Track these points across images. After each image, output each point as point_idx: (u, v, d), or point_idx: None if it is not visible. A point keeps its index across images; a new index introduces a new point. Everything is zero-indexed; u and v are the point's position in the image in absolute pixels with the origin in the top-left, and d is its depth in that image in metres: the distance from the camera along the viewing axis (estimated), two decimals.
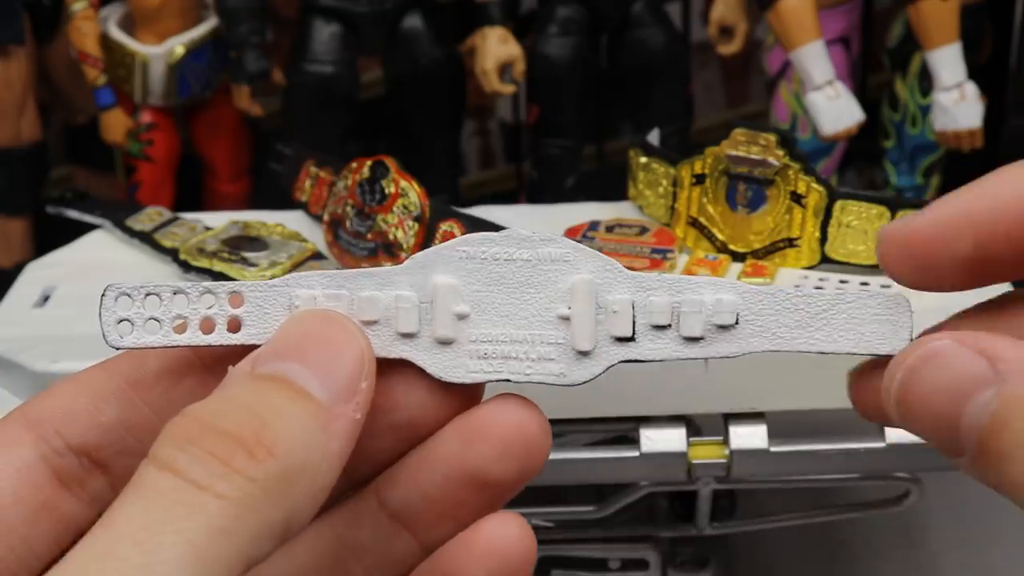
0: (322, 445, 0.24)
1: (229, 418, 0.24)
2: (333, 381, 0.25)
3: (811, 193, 0.57)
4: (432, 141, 0.78)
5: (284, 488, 0.23)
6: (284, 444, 0.24)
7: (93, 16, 0.75)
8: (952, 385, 0.25)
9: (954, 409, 0.25)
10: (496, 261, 0.28)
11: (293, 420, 0.24)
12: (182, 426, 0.24)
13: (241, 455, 0.23)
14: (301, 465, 0.24)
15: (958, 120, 0.71)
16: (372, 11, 0.75)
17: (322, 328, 0.26)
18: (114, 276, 0.64)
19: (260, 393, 0.25)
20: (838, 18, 0.75)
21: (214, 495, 0.23)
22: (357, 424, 0.25)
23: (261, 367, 0.25)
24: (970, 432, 0.24)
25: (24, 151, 0.74)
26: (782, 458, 0.53)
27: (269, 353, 0.26)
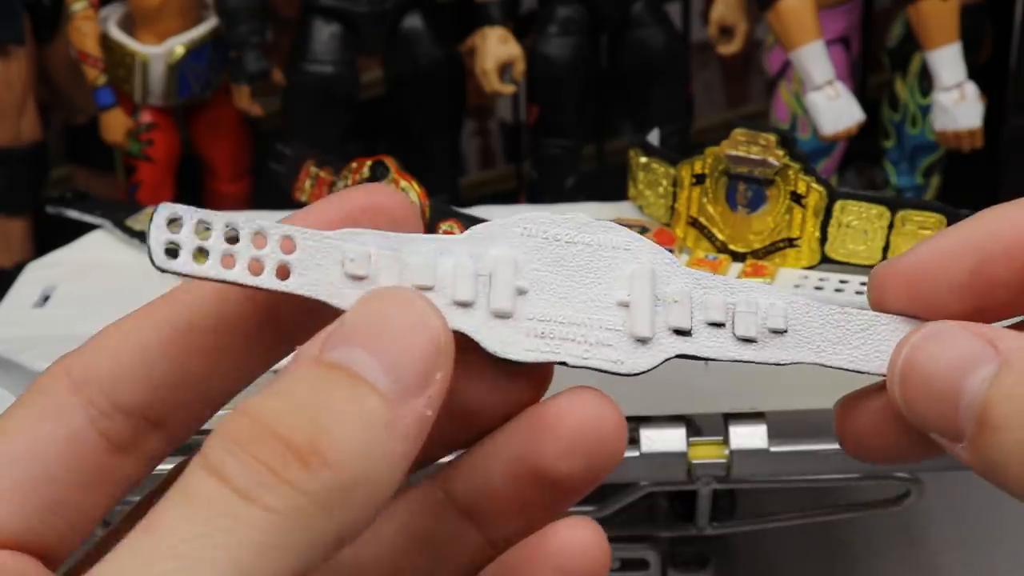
0: (385, 450, 0.23)
1: (284, 420, 0.22)
2: (403, 373, 0.23)
3: (811, 193, 0.57)
4: (432, 141, 0.78)
5: (339, 501, 0.22)
6: (342, 453, 0.22)
7: (93, 16, 0.75)
8: (953, 362, 0.25)
9: (955, 385, 0.25)
10: (557, 242, 0.27)
11: (354, 424, 0.22)
12: (235, 425, 0.22)
13: (294, 465, 0.22)
14: (360, 476, 0.22)
15: (958, 120, 0.71)
16: (372, 11, 0.75)
17: (397, 311, 0.24)
18: (114, 276, 0.65)
19: (322, 389, 0.23)
20: (838, 18, 0.75)
21: (262, 508, 0.21)
22: (427, 421, 0.23)
23: (328, 352, 0.23)
24: (969, 408, 0.25)
25: (24, 151, 0.74)
26: (782, 458, 0.53)
27: (338, 336, 0.24)
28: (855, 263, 0.58)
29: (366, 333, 0.24)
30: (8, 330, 0.57)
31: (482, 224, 0.27)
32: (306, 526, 0.22)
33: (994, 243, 0.27)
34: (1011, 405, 0.24)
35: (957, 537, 0.63)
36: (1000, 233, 0.27)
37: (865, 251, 0.57)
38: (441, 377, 0.24)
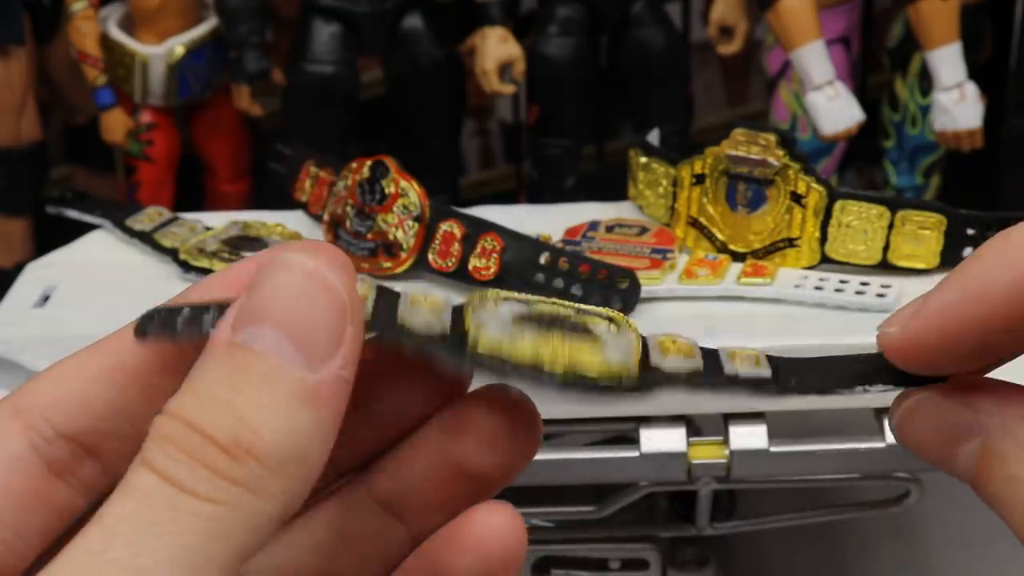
0: (308, 423, 0.23)
1: (206, 416, 0.23)
2: (312, 340, 0.24)
3: (811, 193, 0.57)
4: (432, 141, 0.78)
5: (272, 481, 0.23)
6: (265, 439, 0.23)
7: (93, 16, 0.75)
8: (942, 435, 0.27)
9: (947, 452, 0.27)
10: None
11: (272, 407, 0.23)
12: (165, 427, 0.23)
13: (222, 458, 0.23)
14: (287, 454, 0.23)
15: (958, 120, 0.71)
16: (372, 11, 0.75)
17: (296, 278, 0.24)
18: (114, 276, 0.65)
19: (236, 377, 0.23)
20: (838, 18, 0.75)
21: (200, 498, 0.22)
22: (346, 383, 0.24)
23: (237, 334, 0.24)
24: (965, 472, 0.27)
25: (24, 151, 0.74)
26: (782, 458, 0.53)
27: (244, 315, 0.24)
28: (855, 263, 0.58)
29: (267, 308, 0.24)
30: (8, 330, 0.57)
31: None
32: (246, 510, 0.23)
33: (992, 314, 0.27)
34: (997, 485, 0.26)
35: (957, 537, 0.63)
36: (996, 300, 0.27)
37: (865, 251, 0.57)
38: (352, 333, 0.24)
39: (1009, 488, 0.26)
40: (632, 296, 0.55)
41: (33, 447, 0.26)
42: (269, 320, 0.24)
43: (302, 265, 0.24)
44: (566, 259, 0.56)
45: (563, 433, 0.55)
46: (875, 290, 0.55)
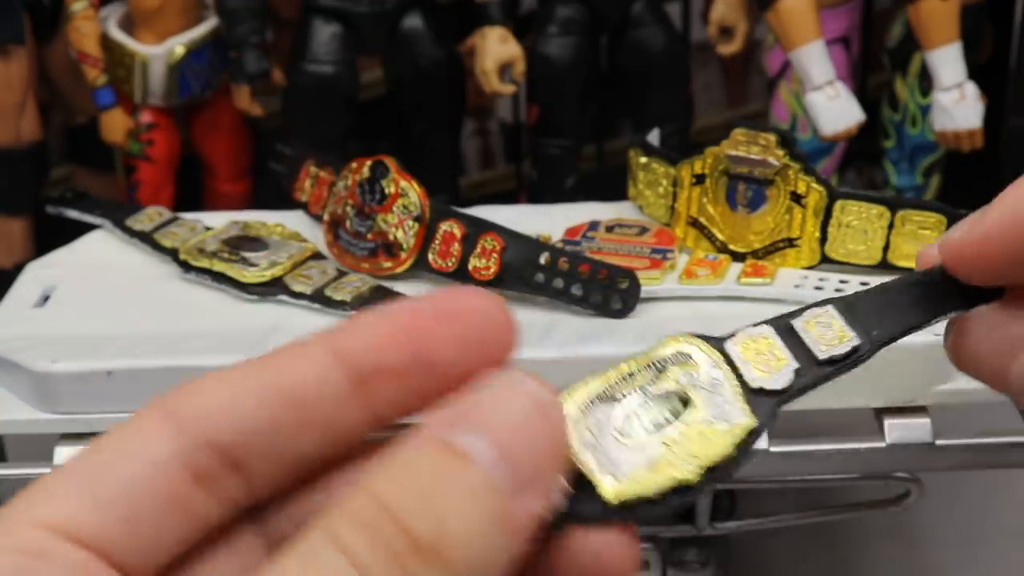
0: (497, 548, 0.23)
1: (407, 507, 0.23)
2: (520, 466, 0.24)
3: (811, 193, 0.57)
4: (432, 141, 0.78)
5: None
6: (458, 550, 0.23)
7: (93, 16, 0.75)
8: (998, 346, 0.27)
9: (1002, 365, 0.27)
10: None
11: (473, 520, 0.23)
12: (360, 504, 0.23)
13: (415, 558, 0.23)
14: (470, 571, 0.23)
15: (958, 120, 0.71)
16: (372, 11, 0.75)
17: (521, 400, 0.24)
18: (114, 276, 0.65)
19: (442, 476, 0.23)
20: (838, 18, 0.75)
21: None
22: (538, 519, 0.24)
23: (450, 434, 0.24)
24: (1019, 383, 0.27)
25: (24, 151, 0.74)
26: (782, 458, 0.53)
27: (461, 418, 0.24)
28: (855, 263, 0.58)
29: (489, 420, 0.24)
30: (8, 330, 0.57)
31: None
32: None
33: None
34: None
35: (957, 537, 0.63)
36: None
37: (865, 251, 0.57)
38: (557, 472, 0.25)
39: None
40: (632, 296, 0.55)
41: (180, 452, 0.26)
42: (491, 435, 0.24)
43: (535, 394, 0.25)
44: (566, 259, 0.56)
45: None
46: None
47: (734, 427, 0.26)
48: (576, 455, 0.26)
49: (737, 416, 0.26)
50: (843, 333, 0.28)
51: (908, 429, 0.53)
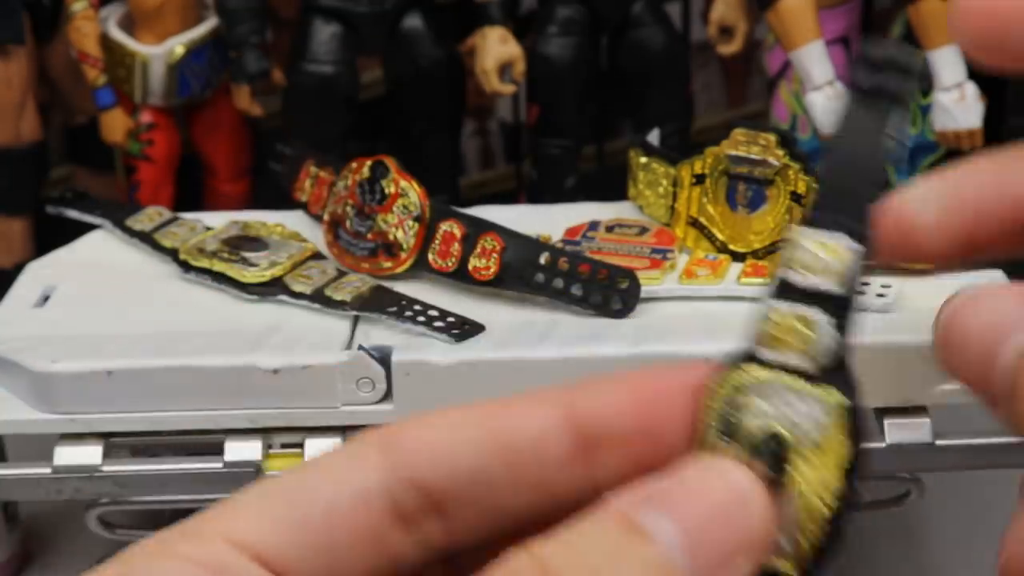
0: None
1: (568, 573, 0.22)
2: (705, 554, 0.22)
3: (811, 193, 0.57)
4: (432, 141, 0.78)
5: None
6: None
7: (93, 16, 0.75)
8: (990, 326, 0.25)
9: (990, 348, 0.25)
10: None
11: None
12: (521, 563, 0.22)
13: None
14: None
15: (958, 120, 0.71)
16: (372, 11, 0.75)
17: (718, 485, 0.23)
18: (114, 276, 0.65)
19: (617, 552, 0.22)
20: (838, 18, 0.75)
21: None
22: None
23: (636, 511, 0.23)
24: (1003, 373, 0.25)
25: (24, 151, 0.74)
26: None
27: (650, 496, 0.23)
28: None
29: (679, 502, 0.23)
30: (8, 330, 0.57)
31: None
32: None
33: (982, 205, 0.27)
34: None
35: (957, 537, 0.63)
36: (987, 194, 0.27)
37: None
38: (745, 567, 0.23)
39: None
40: (632, 296, 0.55)
41: (388, 488, 0.25)
42: (679, 518, 0.23)
43: (739, 483, 0.23)
44: (566, 259, 0.56)
45: None
46: (875, 290, 0.55)
47: (830, 418, 0.24)
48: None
49: (821, 411, 0.25)
50: (838, 260, 0.25)
51: (908, 429, 0.53)
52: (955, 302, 0.26)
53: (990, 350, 0.25)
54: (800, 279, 0.25)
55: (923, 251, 0.28)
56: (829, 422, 0.25)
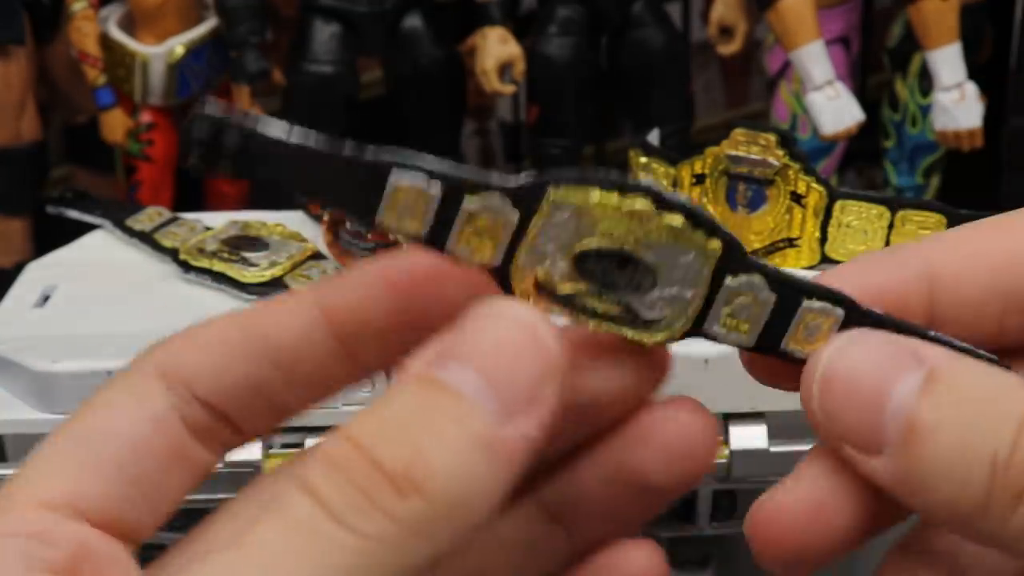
0: (484, 475, 0.22)
1: (382, 444, 0.22)
2: (510, 391, 0.23)
3: (811, 193, 0.57)
4: (432, 141, 0.78)
5: (432, 527, 0.22)
6: (437, 480, 0.22)
7: (93, 16, 0.75)
8: (880, 368, 0.25)
9: (881, 390, 0.25)
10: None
11: (453, 448, 0.22)
12: (334, 448, 0.22)
13: (388, 491, 0.22)
14: (455, 502, 0.22)
15: (958, 120, 0.71)
16: (372, 11, 0.75)
17: (506, 326, 0.23)
18: (114, 276, 0.65)
19: (423, 409, 0.22)
20: (838, 18, 0.75)
21: (354, 533, 0.21)
22: (534, 442, 0.23)
23: (433, 369, 0.23)
24: (896, 415, 0.24)
25: (24, 151, 0.74)
26: (782, 458, 0.53)
27: (444, 352, 0.23)
28: None
29: (472, 349, 0.23)
30: (8, 330, 0.57)
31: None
32: (397, 551, 0.22)
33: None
34: (943, 411, 0.24)
35: None
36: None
37: (865, 251, 0.57)
38: (551, 392, 0.23)
39: (957, 421, 0.24)
40: None
41: (175, 408, 0.26)
42: (473, 363, 0.23)
43: (517, 316, 0.24)
44: None
45: None
46: None
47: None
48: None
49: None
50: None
51: None
52: (836, 344, 0.26)
53: (879, 393, 0.25)
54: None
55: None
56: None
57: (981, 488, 0.24)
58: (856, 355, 0.25)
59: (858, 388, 0.25)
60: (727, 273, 0.26)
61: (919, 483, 0.24)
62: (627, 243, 0.26)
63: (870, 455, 0.25)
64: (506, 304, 0.24)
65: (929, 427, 0.24)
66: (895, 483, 0.25)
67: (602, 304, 0.26)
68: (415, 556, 0.22)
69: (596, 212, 0.26)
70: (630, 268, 0.26)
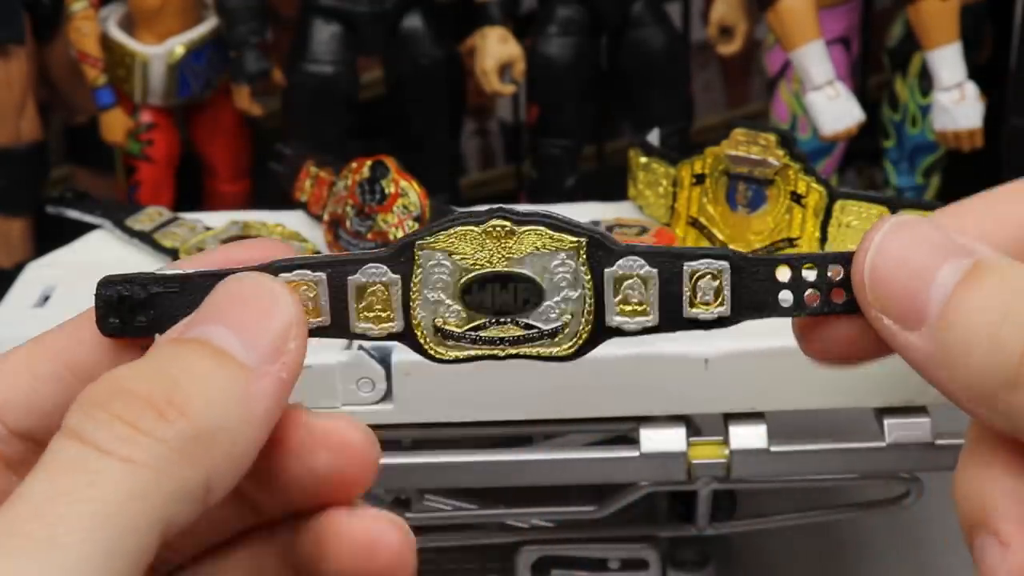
0: (242, 406, 0.24)
1: (141, 380, 0.23)
2: (257, 341, 0.25)
3: (811, 193, 0.57)
4: (432, 141, 0.78)
5: (199, 449, 0.23)
6: (197, 404, 0.23)
7: (93, 16, 0.75)
8: (931, 246, 0.26)
9: (930, 265, 0.26)
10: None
11: (209, 380, 0.24)
12: (92, 390, 0.23)
13: (150, 416, 0.23)
14: (217, 425, 0.23)
15: (958, 120, 0.71)
16: (372, 11, 0.75)
17: (249, 291, 0.26)
18: None
19: (178, 356, 0.24)
20: (838, 18, 0.75)
21: (120, 459, 0.22)
22: (284, 385, 0.25)
23: (188, 331, 0.25)
24: (939, 290, 0.26)
25: (24, 151, 0.74)
26: (782, 458, 0.53)
27: (195, 319, 0.26)
28: None
29: (222, 310, 0.26)
30: (8, 330, 0.57)
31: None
32: (169, 474, 0.22)
33: None
34: (984, 293, 0.25)
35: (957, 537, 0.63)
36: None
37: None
38: (295, 346, 0.26)
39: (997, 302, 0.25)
40: None
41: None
42: (221, 320, 0.25)
43: (258, 281, 0.26)
44: None
45: (563, 433, 0.55)
46: None
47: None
48: None
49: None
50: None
51: (908, 429, 0.53)
52: (887, 227, 0.27)
53: (928, 270, 0.26)
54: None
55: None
56: None
57: (1012, 364, 0.25)
58: (907, 236, 0.27)
59: (907, 264, 0.26)
60: (603, 265, 0.28)
61: (951, 356, 0.26)
62: (498, 263, 0.28)
63: (908, 328, 0.27)
64: (247, 273, 0.27)
65: (969, 305, 0.25)
66: (927, 356, 0.26)
67: (504, 330, 0.28)
68: (187, 477, 0.23)
69: (461, 247, 0.28)
70: (512, 287, 0.28)
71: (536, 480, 0.54)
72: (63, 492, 0.22)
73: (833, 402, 0.53)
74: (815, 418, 0.54)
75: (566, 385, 0.52)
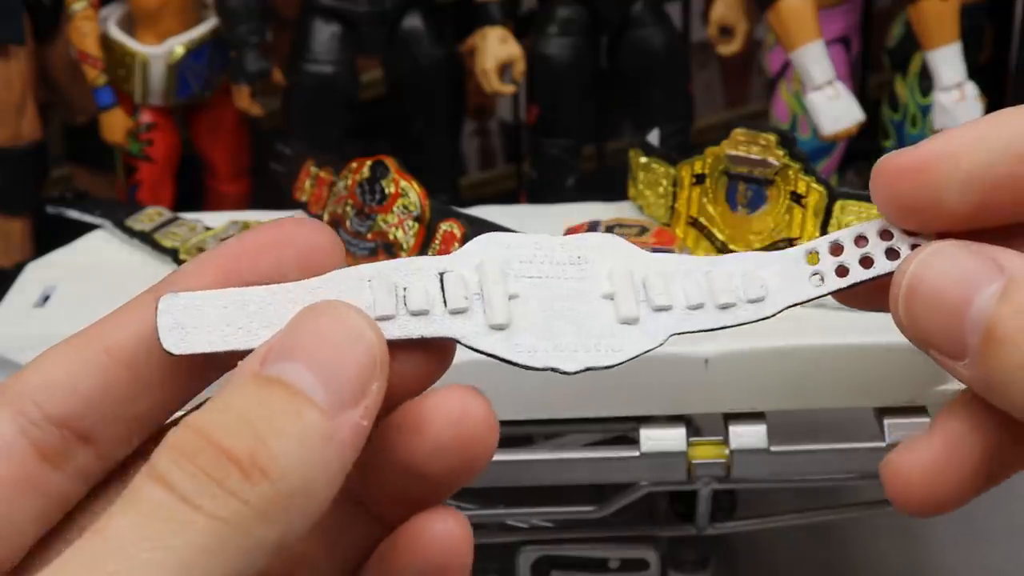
0: (322, 461, 0.24)
1: (226, 432, 0.23)
2: (339, 385, 0.24)
3: (811, 193, 0.57)
4: (432, 141, 0.78)
5: (278, 509, 0.23)
6: (281, 465, 0.23)
7: (93, 16, 0.75)
8: (962, 277, 0.26)
9: (963, 299, 0.26)
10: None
11: (293, 436, 0.24)
12: (180, 437, 0.23)
13: (235, 475, 0.23)
14: (297, 486, 0.23)
15: (958, 120, 0.71)
16: (372, 11, 0.75)
17: (333, 325, 0.25)
18: (114, 276, 0.65)
19: (261, 402, 0.24)
20: (838, 18, 0.75)
21: (204, 514, 0.22)
22: (364, 431, 0.25)
23: (267, 367, 0.25)
24: (976, 323, 0.26)
25: (24, 151, 0.74)
26: (782, 458, 0.53)
27: (277, 352, 0.25)
28: None
29: (303, 348, 0.25)
30: (8, 330, 0.57)
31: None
32: (246, 532, 0.23)
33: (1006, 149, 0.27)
34: (1019, 320, 0.25)
35: (957, 537, 0.63)
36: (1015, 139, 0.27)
37: None
38: (377, 388, 0.25)
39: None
40: None
41: (23, 433, 0.26)
42: (302, 359, 0.24)
43: (343, 316, 0.25)
44: None
45: (563, 433, 0.55)
46: None
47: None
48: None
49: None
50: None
51: (908, 429, 0.53)
52: (921, 257, 0.27)
53: (962, 301, 0.26)
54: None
55: (932, 213, 0.28)
56: None
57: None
58: (939, 266, 0.27)
59: (941, 298, 0.26)
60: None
61: (1000, 386, 0.25)
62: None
63: (954, 359, 0.26)
64: (331, 305, 0.26)
65: (1006, 335, 0.25)
66: (979, 386, 0.26)
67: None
68: (263, 537, 0.23)
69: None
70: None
71: (536, 480, 0.54)
72: (147, 537, 0.22)
73: (833, 402, 0.53)
74: (815, 418, 0.54)
75: (566, 385, 0.52)
